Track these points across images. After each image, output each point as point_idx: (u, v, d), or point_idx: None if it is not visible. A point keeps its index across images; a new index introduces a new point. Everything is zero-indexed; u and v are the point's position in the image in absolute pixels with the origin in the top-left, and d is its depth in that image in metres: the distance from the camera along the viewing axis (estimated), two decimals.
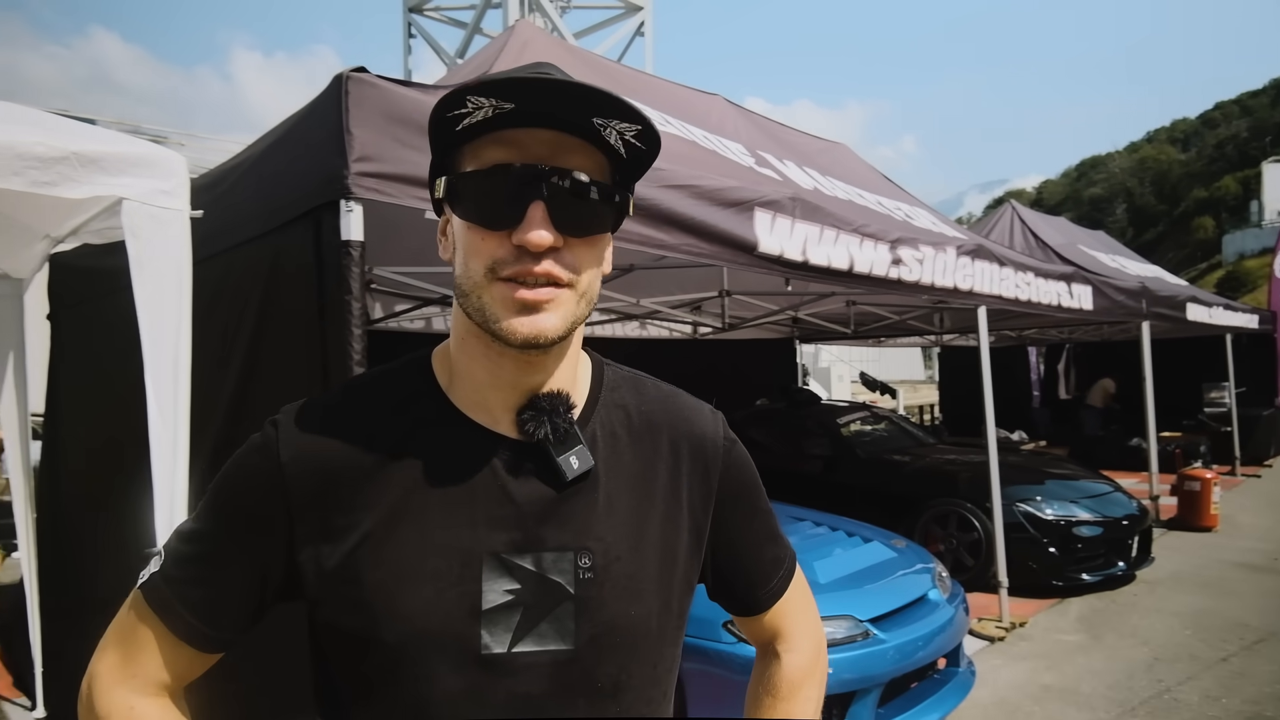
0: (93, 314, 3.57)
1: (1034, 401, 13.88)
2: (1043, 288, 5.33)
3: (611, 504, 0.83)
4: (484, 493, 0.79)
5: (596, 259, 0.80)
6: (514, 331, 0.74)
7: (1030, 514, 5.57)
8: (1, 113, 1.69)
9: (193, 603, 0.79)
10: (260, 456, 0.80)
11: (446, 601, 0.76)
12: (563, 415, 0.81)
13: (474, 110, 0.72)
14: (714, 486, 0.92)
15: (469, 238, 0.76)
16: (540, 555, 0.79)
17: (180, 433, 1.80)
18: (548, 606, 0.78)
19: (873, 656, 3.16)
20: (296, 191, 2.23)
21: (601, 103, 0.72)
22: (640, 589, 0.83)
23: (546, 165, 0.74)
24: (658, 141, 0.77)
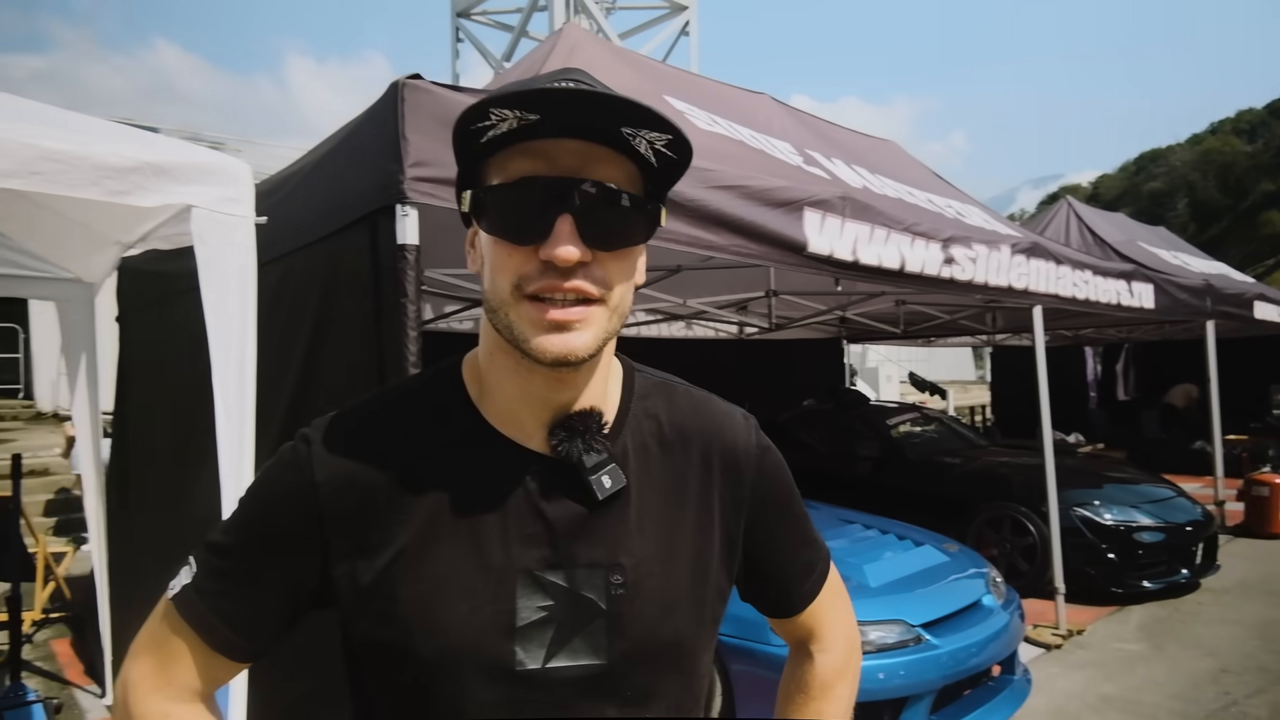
0: (159, 316, 3.69)
1: (1091, 403, 13.49)
2: (1101, 286, 5.18)
3: (642, 519, 0.83)
4: (516, 510, 0.79)
5: (628, 272, 0.78)
6: (544, 351, 0.73)
7: (1088, 519, 5.42)
8: (77, 125, 1.76)
9: (227, 616, 0.79)
10: (294, 474, 0.80)
11: (481, 618, 0.76)
12: (594, 434, 0.81)
13: (498, 122, 0.70)
14: (746, 495, 0.91)
15: (495, 252, 0.75)
16: (572, 572, 0.79)
17: (246, 433, 1.86)
18: (581, 622, 0.78)
19: (925, 662, 3.11)
20: (353, 196, 2.29)
21: (630, 112, 0.69)
22: (672, 602, 0.82)
23: (574, 177, 0.72)
24: (689, 150, 0.74)
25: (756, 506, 0.92)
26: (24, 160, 1.50)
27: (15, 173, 1.49)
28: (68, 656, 4.61)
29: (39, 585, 5.05)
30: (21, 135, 1.50)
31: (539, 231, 0.71)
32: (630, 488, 0.82)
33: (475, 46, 17.17)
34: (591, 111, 0.70)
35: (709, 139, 3.59)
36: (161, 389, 3.70)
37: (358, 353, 2.26)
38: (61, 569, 5.43)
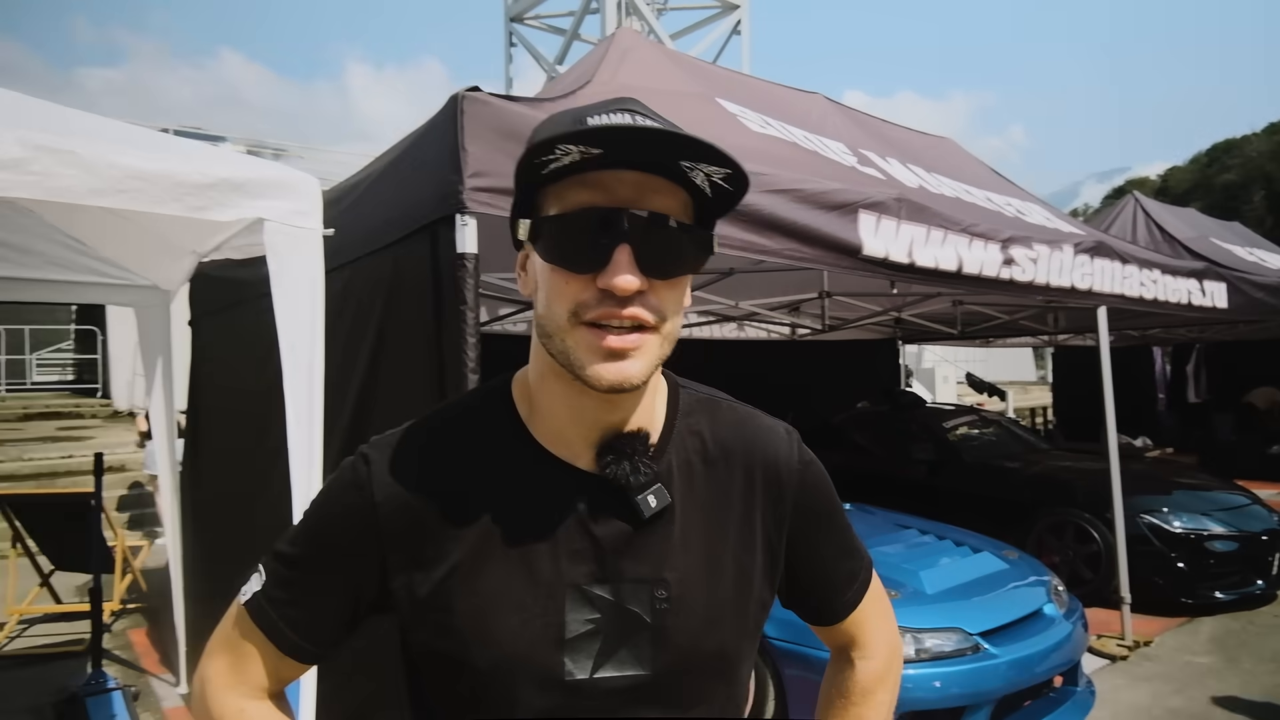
0: (229, 321, 3.84)
1: (1159, 405, 13.01)
2: (1170, 285, 5.00)
3: (686, 535, 0.85)
4: (565, 528, 0.82)
5: (680, 299, 0.80)
6: (599, 378, 0.75)
7: (1156, 526, 5.23)
8: (157, 143, 1.86)
9: (293, 621, 0.86)
10: (355, 494, 0.85)
11: (532, 630, 0.80)
12: (641, 455, 0.83)
13: (561, 156, 0.72)
14: (788, 509, 0.93)
15: (553, 280, 0.77)
16: (619, 586, 0.82)
17: (315, 438, 1.94)
18: (627, 634, 0.82)
19: (983, 672, 3.06)
20: (415, 206, 2.35)
21: (690, 147, 0.71)
22: (715, 616, 0.85)
23: (633, 208, 0.74)
24: (746, 182, 0.76)
25: (799, 520, 0.94)
26: (112, 179, 1.59)
27: (104, 191, 1.58)
28: (144, 646, 4.83)
29: (117, 577, 5.30)
30: (110, 155, 1.59)
31: (597, 260, 0.74)
32: (675, 505, 0.85)
33: (528, 50, 17.37)
34: (654, 147, 0.73)
35: (762, 141, 3.58)
36: (231, 391, 3.85)
37: (419, 358, 2.33)
38: (138, 562, 5.68)
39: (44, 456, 9.09)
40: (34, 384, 15.67)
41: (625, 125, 0.71)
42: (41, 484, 8.37)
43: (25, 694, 4.13)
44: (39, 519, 5.01)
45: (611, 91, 3.36)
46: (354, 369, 2.59)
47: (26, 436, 10.59)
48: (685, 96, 3.76)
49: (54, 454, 9.21)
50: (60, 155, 1.53)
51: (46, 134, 1.55)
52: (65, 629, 5.12)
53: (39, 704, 3.99)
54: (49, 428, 11.63)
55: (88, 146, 1.56)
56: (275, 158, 20.16)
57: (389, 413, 2.55)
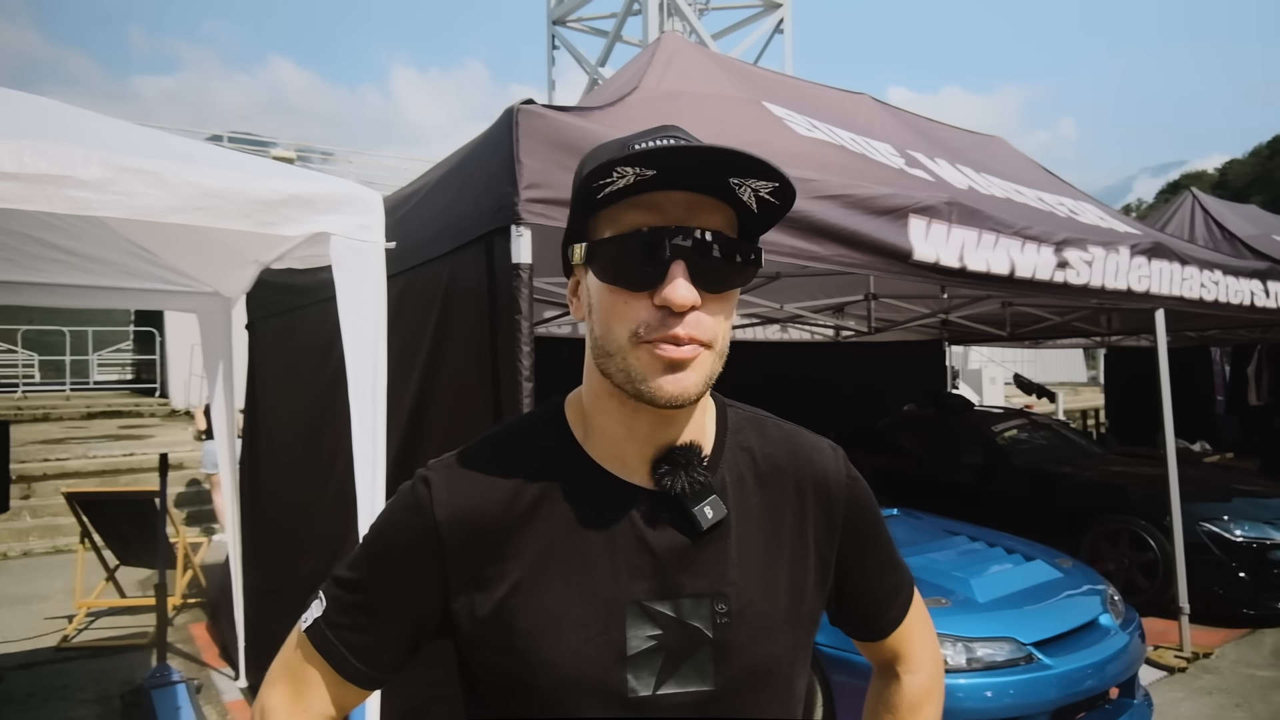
0: (286, 326, 3.95)
1: (1217, 408, 12.58)
2: (1233, 286, 4.85)
3: (743, 549, 0.86)
4: (624, 543, 0.83)
5: (729, 313, 0.82)
6: (660, 391, 0.77)
7: (1216, 534, 5.09)
8: (228, 161, 1.93)
9: (355, 647, 0.86)
10: (416, 516, 0.86)
11: (594, 648, 0.80)
12: (696, 468, 0.85)
13: (617, 179, 0.75)
14: (838, 524, 0.94)
15: (611, 301, 0.79)
16: (679, 601, 0.83)
17: (379, 448, 1.99)
18: (688, 650, 0.82)
19: (1037, 683, 3.02)
20: (470, 217, 2.40)
21: (741, 163, 0.74)
22: (773, 629, 0.86)
23: (685, 225, 0.77)
24: (793, 195, 0.78)
25: (848, 535, 0.95)
26: (189, 197, 1.66)
27: (182, 209, 1.65)
28: (204, 640, 4.99)
29: (179, 572, 5.48)
30: (187, 174, 1.66)
31: (654, 277, 0.76)
32: (730, 519, 0.86)
33: (570, 53, 17.45)
34: (705, 166, 0.75)
35: (809, 145, 3.56)
36: (288, 394, 3.96)
37: (474, 366, 2.37)
38: (197, 558, 5.87)
39: (107, 454, 9.43)
40: (96, 383, 16.26)
41: (678, 146, 0.74)
42: (105, 481, 8.70)
43: (94, 685, 4.30)
44: (106, 516, 5.21)
45: (659, 96, 3.38)
46: (409, 377, 2.65)
47: (91, 435, 11.00)
48: (732, 100, 3.76)
49: (116, 452, 9.55)
50: (142, 175, 1.60)
51: (127, 154, 1.62)
52: (129, 622, 5.32)
53: (107, 694, 4.15)
54: (111, 426, 12.06)
55: (166, 166, 1.63)
56: (323, 162, 20.61)
57: (443, 420, 2.60)
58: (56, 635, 5.06)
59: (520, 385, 2.17)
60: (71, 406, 13.09)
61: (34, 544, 7.79)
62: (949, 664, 3.00)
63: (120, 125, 1.97)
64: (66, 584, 6.04)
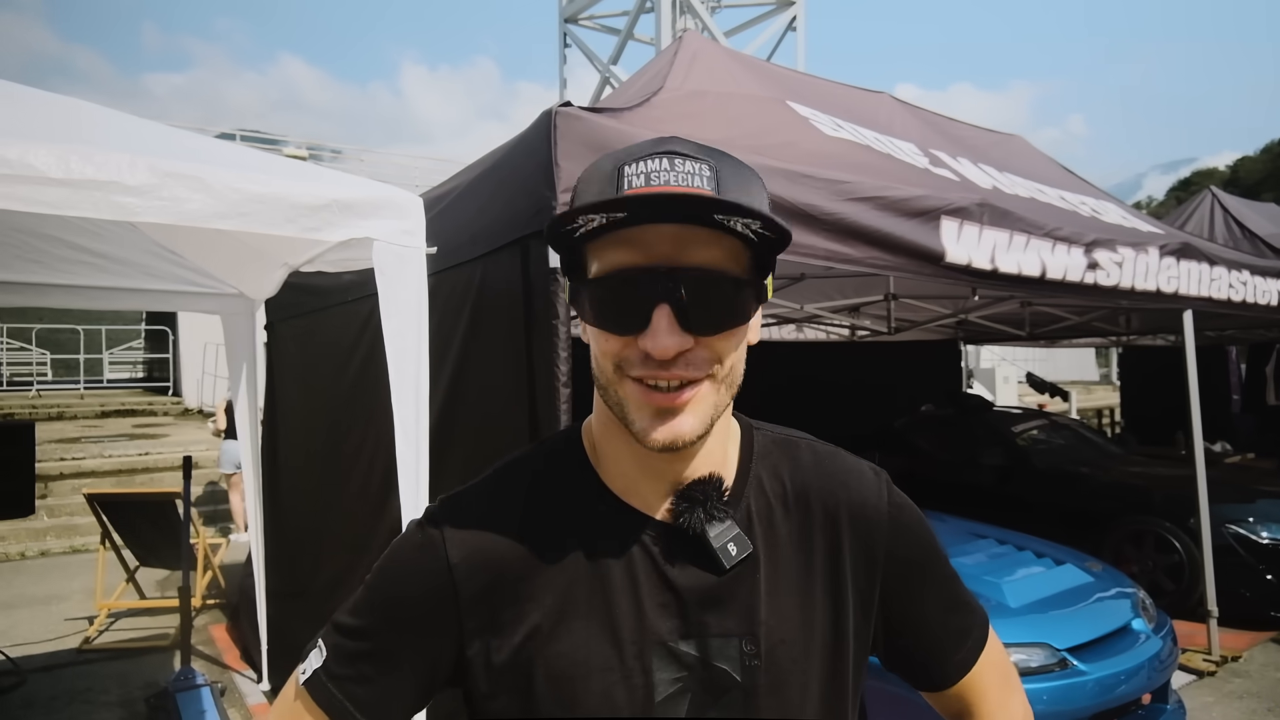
0: (306, 327, 3.94)
1: (1234, 407, 12.48)
2: (1260, 286, 4.80)
3: (773, 586, 0.80)
4: (646, 581, 0.78)
5: (737, 344, 0.75)
6: (651, 439, 0.72)
7: (1242, 536, 5.05)
8: (268, 166, 1.91)
9: (359, 700, 0.79)
10: (428, 557, 0.79)
11: (619, 694, 0.75)
12: (715, 503, 0.78)
13: (585, 224, 0.68)
14: (879, 556, 0.86)
15: (596, 339, 0.74)
16: (705, 642, 0.77)
17: (422, 455, 1.97)
18: (716, 694, 0.77)
19: (1071, 689, 2.98)
20: (505, 220, 2.38)
21: (717, 206, 0.66)
22: (807, 671, 0.80)
23: (670, 264, 0.69)
24: (785, 232, 0.69)
25: (893, 566, 0.87)
26: (233, 203, 1.64)
27: (226, 214, 1.64)
28: (225, 642, 4.99)
29: (199, 574, 5.49)
30: (231, 180, 1.64)
31: (637, 323, 0.70)
32: (757, 553, 0.80)
33: (582, 51, 17.40)
34: (678, 205, 0.67)
35: (836, 145, 3.53)
36: (309, 395, 3.95)
37: (508, 370, 2.34)
38: (216, 559, 5.87)
39: (123, 453, 9.45)
40: (109, 381, 16.33)
41: (645, 194, 0.67)
42: (121, 480, 8.72)
43: (117, 687, 4.30)
44: (127, 517, 5.21)
45: (684, 96, 3.35)
46: (436, 382, 2.63)
47: (106, 434, 11.04)
48: (756, 100, 3.73)
49: (132, 451, 9.58)
50: (187, 181, 1.59)
51: (173, 160, 1.61)
52: (149, 623, 5.33)
53: (130, 697, 4.16)
54: (126, 425, 12.11)
55: (211, 171, 1.62)
56: (333, 160, 20.65)
57: (471, 426, 2.58)
58: (78, 636, 5.07)
59: (558, 391, 2.15)
60: (85, 405, 13.14)
61: (51, 544, 7.82)
62: None
63: (158, 129, 1.95)
64: (85, 584, 6.06)
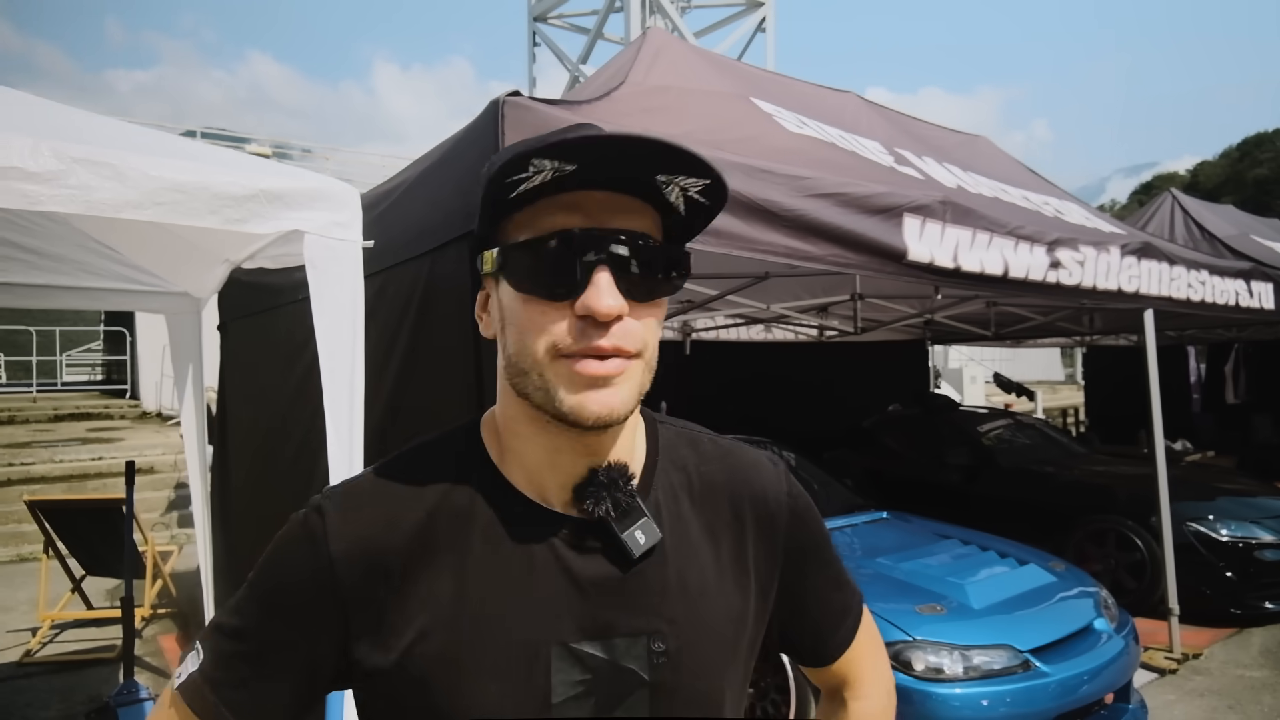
0: (258, 326, 3.81)
1: (1194, 406, 12.71)
2: (1219, 286, 4.85)
3: (682, 578, 0.79)
4: (546, 578, 0.74)
5: (659, 322, 0.75)
6: (583, 410, 0.69)
7: (1202, 534, 5.09)
8: (194, 154, 1.81)
9: (237, 706, 0.74)
10: (308, 550, 0.75)
11: (514, 698, 0.72)
12: (624, 489, 0.76)
13: (534, 174, 0.67)
14: (779, 545, 0.88)
15: (527, 313, 0.70)
16: (611, 642, 0.74)
17: (356, 453, 1.88)
18: (621, 694, 0.74)
19: (1034, 691, 2.96)
20: (453, 214, 2.29)
21: (671, 157, 0.67)
22: (713, 662, 0.79)
23: (612, 228, 0.69)
24: (724, 195, 0.71)
25: (790, 556, 0.89)
26: (149, 191, 1.53)
27: (141, 204, 1.53)
28: (174, 653, 4.82)
29: (148, 583, 5.30)
30: (147, 167, 1.53)
31: (576, 285, 0.68)
32: (665, 546, 0.78)
33: (551, 50, 17.30)
34: (632, 160, 0.67)
35: (799, 142, 3.49)
36: (260, 395, 3.82)
37: (454, 367, 2.26)
38: (168, 567, 5.69)
39: (75, 458, 9.17)
40: (64, 384, 15.88)
41: (605, 135, 0.65)
42: (73, 486, 8.45)
43: (58, 702, 4.13)
44: (71, 524, 5.03)
45: (645, 91, 3.29)
46: (381, 381, 2.54)
47: (58, 438, 10.71)
48: (719, 96, 3.68)
49: (84, 456, 9.29)
50: (97, 167, 1.48)
51: (82, 145, 1.50)
52: (96, 634, 5.14)
53: (72, 712, 3.99)
54: (79, 429, 11.76)
55: (124, 158, 1.51)
56: (302, 158, 20.31)
57: (420, 420, 2.49)
58: (19, 649, 4.87)
59: None
60: (38, 409, 12.76)
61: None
62: (945, 672, 2.93)
63: (79, 114, 1.84)
64: (30, 594, 5.83)
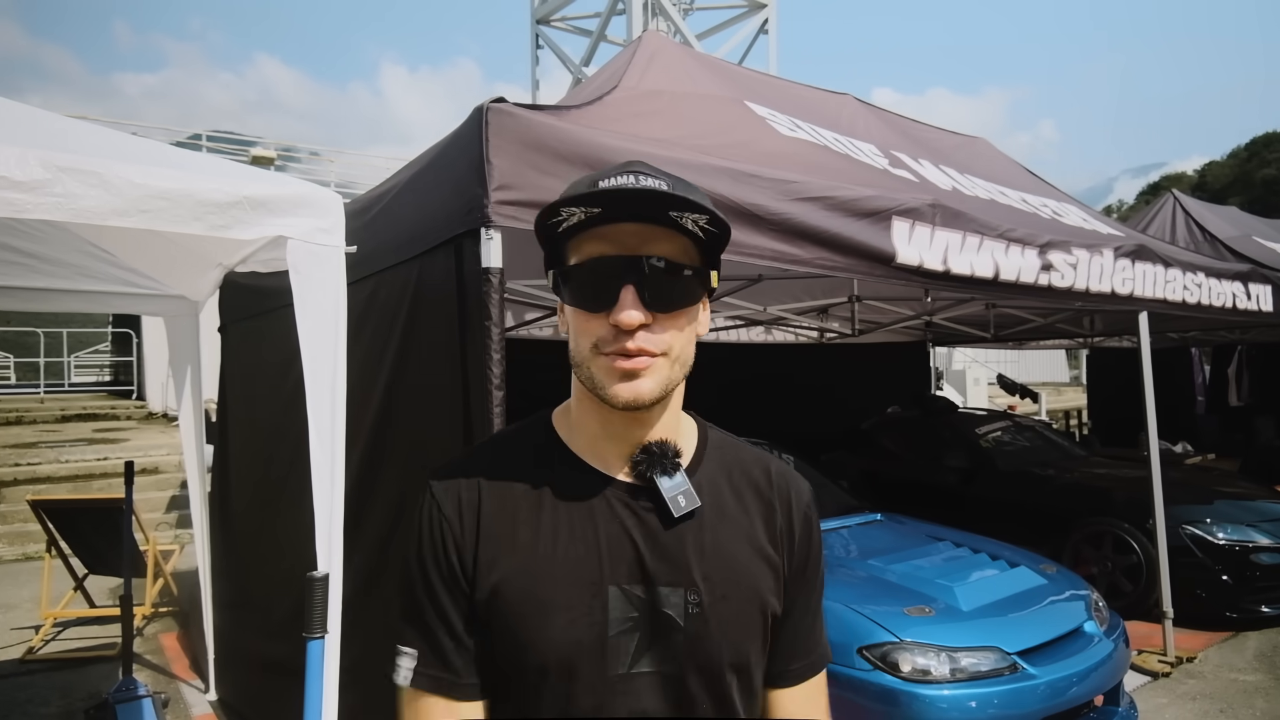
0: (256, 329, 3.85)
1: (1198, 408, 12.65)
2: (1215, 289, 4.84)
3: (717, 546, 0.94)
4: (605, 530, 0.91)
5: (687, 327, 0.92)
6: (617, 396, 0.87)
7: (1199, 537, 5.08)
8: (180, 161, 1.84)
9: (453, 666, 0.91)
10: (435, 520, 0.94)
11: (578, 629, 0.88)
12: (670, 459, 0.93)
13: (569, 216, 0.86)
14: (794, 547, 1.00)
15: (575, 320, 0.91)
16: (655, 589, 0.90)
17: (338, 455, 1.91)
18: (661, 634, 0.90)
19: (1021, 693, 2.97)
20: (439, 219, 2.32)
21: (674, 201, 0.84)
22: (741, 623, 0.93)
23: (634, 254, 0.87)
24: (726, 226, 0.89)
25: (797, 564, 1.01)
26: (134, 199, 1.57)
27: (126, 211, 1.56)
28: (174, 651, 4.86)
29: (149, 581, 5.35)
30: (132, 175, 1.57)
31: (608, 300, 0.87)
32: (705, 517, 0.95)
33: (554, 52, 17.34)
34: (642, 203, 0.86)
35: (791, 145, 3.51)
36: (257, 399, 3.86)
37: (441, 374, 2.29)
38: (169, 566, 5.74)
39: (80, 459, 9.24)
40: (72, 385, 15.99)
41: (617, 188, 0.85)
42: (78, 486, 8.52)
43: (58, 699, 4.18)
44: (73, 524, 5.07)
45: (638, 95, 3.31)
46: (373, 385, 2.57)
47: (64, 439, 10.80)
48: (713, 100, 3.70)
49: (90, 456, 9.37)
50: (83, 176, 1.51)
51: (68, 154, 1.53)
52: (98, 632, 5.19)
53: (71, 709, 4.04)
54: (86, 429, 11.85)
55: (110, 167, 1.54)
56: (310, 161, 20.39)
57: (407, 428, 2.52)
58: (21, 647, 4.92)
59: (490, 394, 2.09)
60: (45, 409, 12.86)
61: (2, 551, 7.62)
62: (932, 674, 2.94)
63: (67, 123, 1.87)
64: (35, 593, 5.88)
